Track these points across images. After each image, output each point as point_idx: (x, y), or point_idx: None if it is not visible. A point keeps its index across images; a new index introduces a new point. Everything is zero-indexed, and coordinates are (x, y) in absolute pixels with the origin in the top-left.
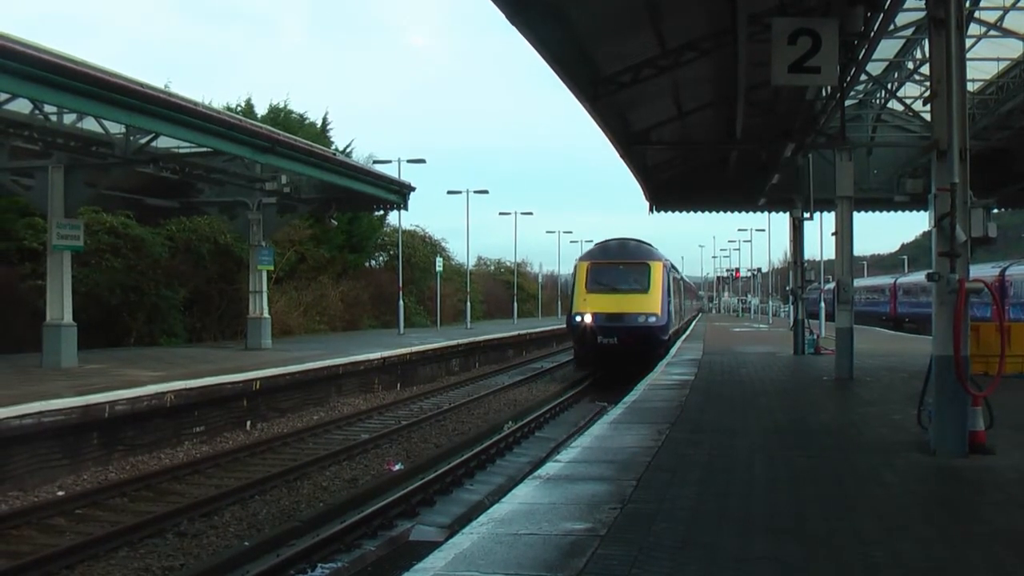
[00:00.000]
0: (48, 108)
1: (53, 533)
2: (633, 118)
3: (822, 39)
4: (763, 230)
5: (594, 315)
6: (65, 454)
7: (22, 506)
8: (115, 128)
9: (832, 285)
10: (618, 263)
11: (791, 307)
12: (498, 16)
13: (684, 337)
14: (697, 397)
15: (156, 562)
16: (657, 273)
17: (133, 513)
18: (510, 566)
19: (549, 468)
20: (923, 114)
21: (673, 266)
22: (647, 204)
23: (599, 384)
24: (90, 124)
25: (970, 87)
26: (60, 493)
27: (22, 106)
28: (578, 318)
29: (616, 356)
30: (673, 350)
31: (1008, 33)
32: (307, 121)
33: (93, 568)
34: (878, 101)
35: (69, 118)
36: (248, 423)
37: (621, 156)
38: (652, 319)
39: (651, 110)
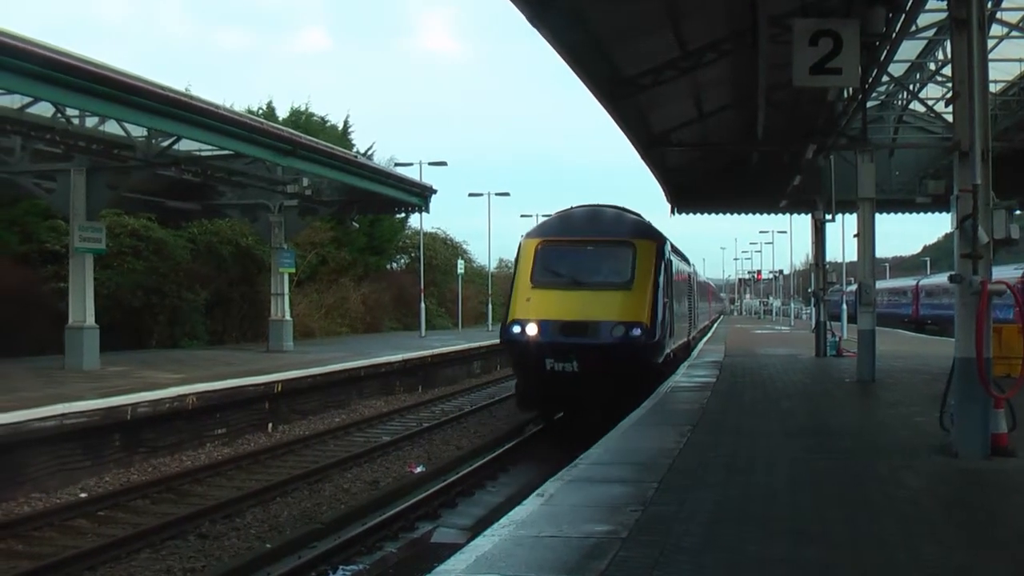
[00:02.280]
0: (70, 111)
1: (75, 535)
2: (654, 119)
3: (843, 40)
4: (785, 232)
5: (541, 324)
6: (87, 456)
7: (44, 508)
8: (137, 131)
9: (854, 287)
10: (584, 242)
11: (813, 309)
12: (520, 19)
13: (706, 340)
14: (719, 399)
15: (178, 564)
16: (647, 258)
17: (155, 515)
18: (531, 568)
19: (571, 470)
20: (945, 115)
21: (676, 249)
22: (668, 206)
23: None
24: (112, 127)
25: (992, 88)
26: (82, 495)
27: (44, 109)
28: (516, 329)
29: (577, 392)
30: (695, 353)
31: None
32: (328, 124)
33: (115, 570)
34: (900, 102)
35: (91, 121)
36: (270, 425)
37: (642, 158)
38: (636, 331)
39: (672, 111)
